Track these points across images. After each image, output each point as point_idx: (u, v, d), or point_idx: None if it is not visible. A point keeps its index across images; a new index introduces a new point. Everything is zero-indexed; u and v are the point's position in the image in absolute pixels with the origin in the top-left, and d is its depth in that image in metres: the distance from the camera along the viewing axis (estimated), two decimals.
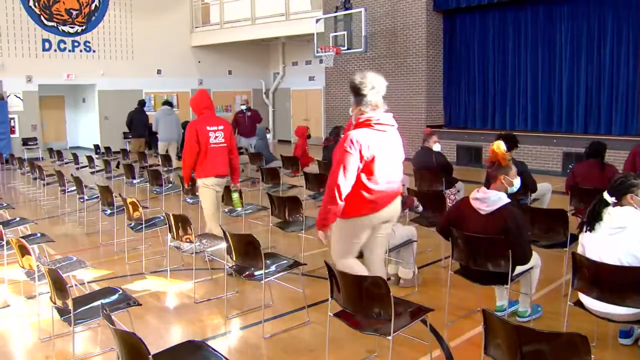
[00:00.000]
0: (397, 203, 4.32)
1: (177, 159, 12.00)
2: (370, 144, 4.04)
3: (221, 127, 6.28)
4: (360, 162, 4.03)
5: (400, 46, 15.72)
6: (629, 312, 3.64)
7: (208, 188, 6.27)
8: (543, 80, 14.04)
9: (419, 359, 4.04)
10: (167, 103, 12.91)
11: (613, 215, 3.85)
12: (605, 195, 3.97)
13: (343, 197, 4.03)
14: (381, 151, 4.09)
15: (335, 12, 15.32)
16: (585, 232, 4.00)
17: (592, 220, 3.96)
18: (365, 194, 4.10)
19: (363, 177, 4.07)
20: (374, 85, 4.28)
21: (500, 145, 4.25)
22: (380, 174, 4.10)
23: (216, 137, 6.21)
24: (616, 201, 3.91)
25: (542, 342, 2.71)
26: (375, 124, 4.14)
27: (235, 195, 6.63)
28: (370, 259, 4.39)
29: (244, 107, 13.92)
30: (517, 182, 4.32)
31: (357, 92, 4.32)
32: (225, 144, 6.29)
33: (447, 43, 15.74)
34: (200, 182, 6.31)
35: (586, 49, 13.24)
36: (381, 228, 4.28)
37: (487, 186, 4.39)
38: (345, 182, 4.01)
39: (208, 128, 6.18)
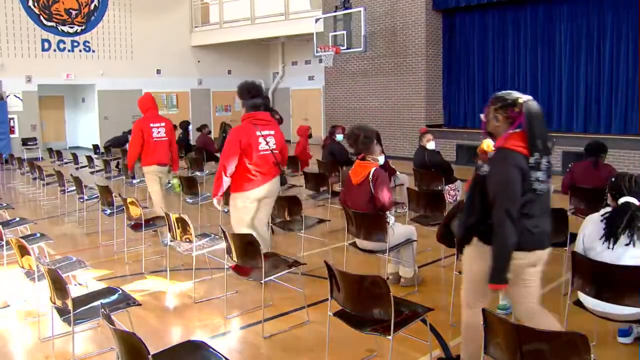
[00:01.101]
0: (274, 182, 5.52)
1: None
2: (247, 134, 5.32)
3: (163, 124, 7.39)
4: (240, 148, 5.25)
5: (399, 45, 15.71)
6: (629, 312, 3.63)
7: (152, 174, 7.39)
8: (542, 80, 14.05)
9: (419, 358, 4.04)
10: None
11: None
12: (634, 201, 3.69)
13: (228, 174, 5.28)
14: (254, 135, 5.33)
15: (335, 11, 15.32)
16: (605, 243, 3.69)
17: (619, 234, 3.64)
18: (247, 174, 5.33)
19: (245, 160, 5.31)
20: (259, 92, 5.59)
21: (490, 144, 4.22)
22: (258, 158, 5.32)
23: (159, 132, 7.31)
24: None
25: (541, 341, 2.71)
26: (255, 120, 5.41)
27: (175, 181, 8.05)
28: (254, 225, 5.52)
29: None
30: None
31: (243, 97, 5.60)
32: (166, 138, 7.36)
33: (447, 42, 15.73)
34: (145, 169, 7.40)
35: (586, 48, 13.24)
36: (262, 202, 5.49)
37: None
38: (228, 163, 5.26)
39: (151, 125, 7.28)
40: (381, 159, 5.43)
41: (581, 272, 3.77)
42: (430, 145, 8.04)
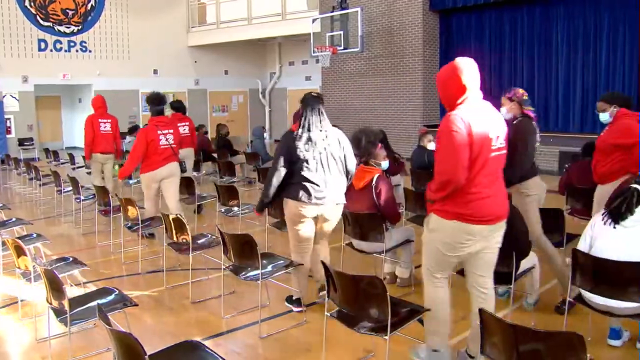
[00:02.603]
0: (171, 166, 6.97)
1: None
2: (149, 130, 6.82)
3: (109, 121, 9.21)
4: (146, 143, 6.74)
5: (396, 46, 15.72)
6: (630, 306, 3.66)
7: (96, 162, 9.27)
8: (539, 80, 14.08)
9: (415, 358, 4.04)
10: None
11: None
12: (638, 187, 3.88)
13: (135, 160, 6.91)
14: (156, 133, 6.78)
15: (332, 11, 15.33)
16: (606, 224, 3.89)
17: (621, 214, 3.84)
18: (151, 161, 6.83)
19: (151, 151, 6.79)
20: (162, 101, 7.05)
21: None
22: (159, 150, 6.82)
23: (105, 126, 9.13)
24: None
25: (538, 341, 2.71)
26: (157, 122, 6.91)
27: (115, 168, 9.52)
28: (159, 200, 7.24)
29: None
30: None
31: (151, 104, 7.04)
32: (111, 132, 9.22)
33: (444, 43, 15.75)
34: (93, 156, 9.19)
35: (582, 48, 13.28)
36: (164, 182, 7.01)
37: None
38: (134, 154, 6.85)
39: (100, 120, 9.12)
40: (384, 164, 5.39)
41: (582, 268, 3.80)
42: (431, 145, 8.02)
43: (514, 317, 4.59)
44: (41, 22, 18.23)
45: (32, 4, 17.97)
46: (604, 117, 5.45)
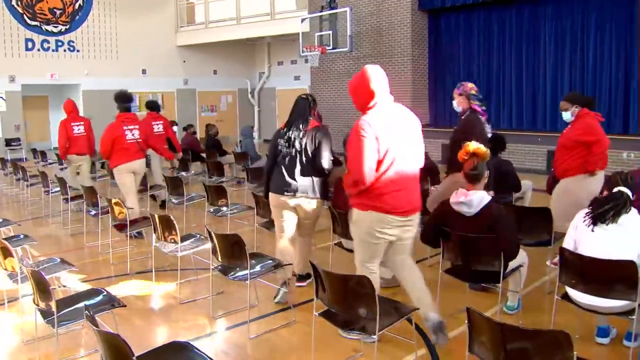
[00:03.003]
0: (139, 162, 7.71)
1: None
2: (116, 126, 7.56)
3: (82, 123, 9.57)
4: (113, 139, 7.44)
5: (385, 46, 15.74)
6: (616, 305, 3.69)
7: (72, 162, 9.61)
8: (527, 80, 14.15)
9: (404, 357, 4.05)
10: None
11: (633, 221, 3.82)
12: (628, 192, 3.88)
13: (105, 157, 7.89)
14: (122, 129, 7.51)
15: (321, 11, 15.33)
16: (589, 226, 3.88)
17: (605, 218, 3.83)
18: (120, 154, 7.51)
19: (118, 146, 7.48)
20: (129, 99, 7.92)
21: (477, 145, 4.25)
22: (126, 145, 7.52)
23: (78, 129, 9.48)
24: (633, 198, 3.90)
25: (525, 339, 2.73)
26: (124, 118, 7.63)
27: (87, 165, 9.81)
28: (133, 190, 7.72)
29: None
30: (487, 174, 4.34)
31: (118, 102, 7.77)
32: (85, 134, 9.53)
33: (432, 42, 15.79)
34: (69, 157, 9.51)
35: (570, 48, 13.37)
36: (133, 175, 7.70)
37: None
38: (102, 147, 7.58)
39: (72, 124, 9.45)
40: None
41: (569, 266, 3.83)
42: None
43: (501, 316, 4.62)
44: (28, 21, 18.11)
45: (19, 3, 17.84)
46: (566, 115, 5.84)
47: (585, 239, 3.90)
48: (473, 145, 4.24)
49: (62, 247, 7.52)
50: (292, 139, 5.05)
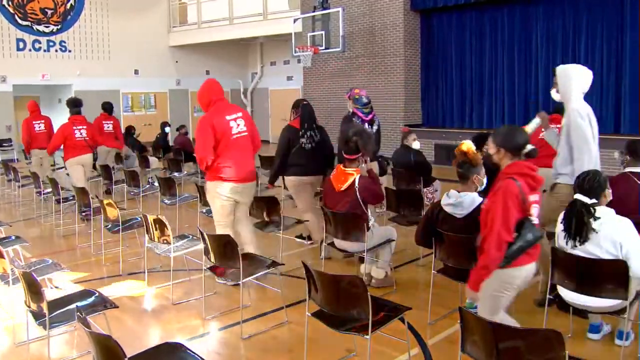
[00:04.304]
0: (86, 156, 9.12)
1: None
2: (67, 126, 9.02)
3: (42, 121, 10.74)
4: (64, 137, 8.97)
5: (378, 46, 15.76)
6: (606, 304, 3.70)
7: (35, 156, 10.68)
8: (519, 80, 14.19)
9: (397, 357, 4.06)
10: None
11: (610, 227, 3.70)
12: (583, 198, 3.76)
13: (54, 149, 9.32)
14: (72, 129, 8.94)
15: (313, 11, 15.32)
16: (576, 245, 3.77)
17: (581, 232, 3.73)
18: (71, 150, 9.05)
19: (69, 143, 9.01)
20: (79, 104, 9.28)
21: (471, 146, 4.23)
22: (75, 142, 8.96)
23: (39, 127, 10.64)
24: (596, 202, 3.75)
25: (517, 338, 2.74)
26: (74, 120, 9.04)
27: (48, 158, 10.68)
28: (82, 181, 8.95)
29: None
30: (484, 181, 4.30)
31: (70, 106, 9.32)
32: (45, 131, 10.56)
33: (425, 42, 15.81)
34: (32, 151, 10.67)
35: (561, 48, 13.41)
36: (82, 167, 9.16)
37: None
38: (52, 142, 9.22)
39: (34, 122, 10.65)
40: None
41: (561, 266, 3.84)
42: (416, 144, 8.04)
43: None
44: (19, 21, 18.01)
45: (9, 2, 17.74)
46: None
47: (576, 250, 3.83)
48: (466, 145, 4.21)
49: (54, 248, 7.49)
50: (312, 136, 6.39)
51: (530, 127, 5.19)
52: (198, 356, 3.08)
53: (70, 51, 19.03)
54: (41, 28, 18.44)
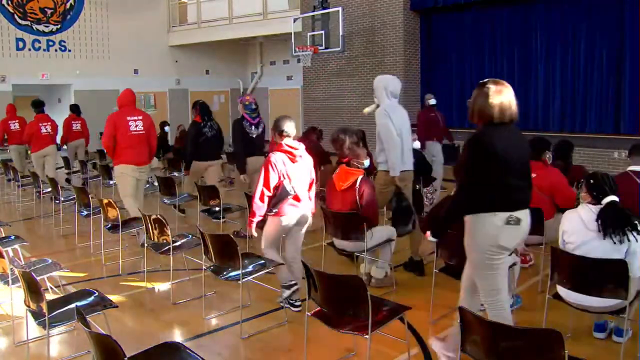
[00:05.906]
0: (51, 147, 10.84)
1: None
2: (34, 124, 10.63)
3: (17, 121, 11.70)
4: (32, 130, 10.63)
5: (377, 45, 15.76)
6: (606, 304, 3.70)
7: (13, 150, 11.81)
8: (519, 80, 14.16)
9: (397, 357, 4.06)
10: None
11: None
12: (615, 198, 3.89)
13: (24, 139, 10.89)
14: (38, 126, 10.55)
15: (313, 11, 15.30)
16: (598, 232, 3.83)
17: (623, 230, 3.78)
18: (37, 142, 10.68)
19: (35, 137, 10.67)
20: (42, 105, 10.82)
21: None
22: (41, 137, 10.63)
23: (14, 126, 11.58)
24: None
25: (517, 338, 2.75)
26: (39, 118, 10.68)
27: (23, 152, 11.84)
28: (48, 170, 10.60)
29: (433, 102, 10.63)
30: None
31: (35, 107, 10.79)
32: (19, 129, 11.43)
33: (424, 42, 15.80)
34: (9, 147, 11.81)
35: (561, 48, 13.40)
36: (46, 159, 10.80)
37: None
38: (29, 138, 10.69)
39: (9, 122, 11.71)
40: (366, 163, 5.43)
41: (561, 266, 3.84)
42: (416, 144, 8.05)
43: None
44: (19, 20, 17.99)
45: (9, 2, 17.71)
46: None
47: (588, 244, 3.85)
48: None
49: (54, 247, 7.49)
50: (211, 126, 8.17)
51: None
52: (198, 356, 3.08)
53: (69, 51, 19.01)
54: (41, 28, 18.42)
